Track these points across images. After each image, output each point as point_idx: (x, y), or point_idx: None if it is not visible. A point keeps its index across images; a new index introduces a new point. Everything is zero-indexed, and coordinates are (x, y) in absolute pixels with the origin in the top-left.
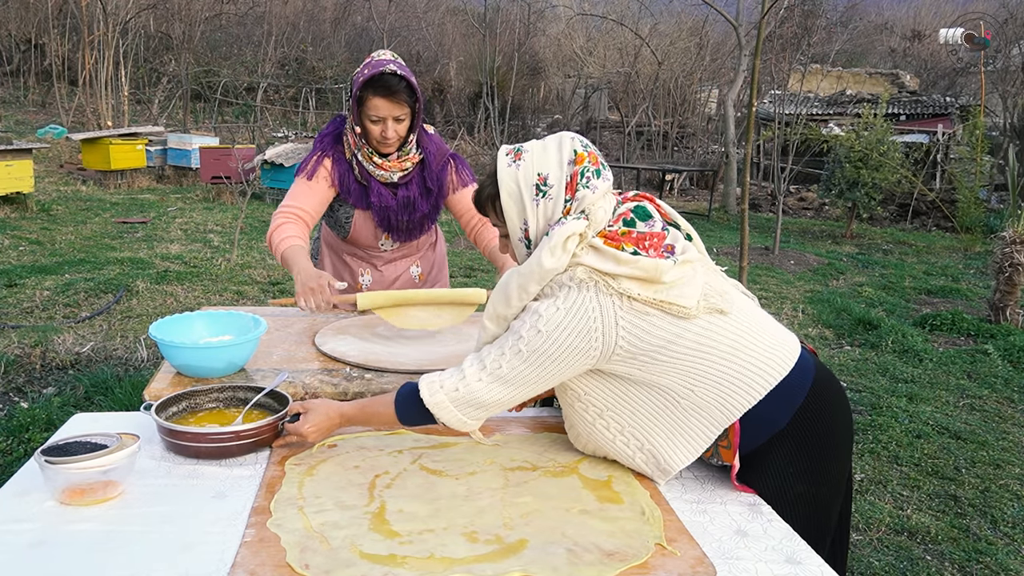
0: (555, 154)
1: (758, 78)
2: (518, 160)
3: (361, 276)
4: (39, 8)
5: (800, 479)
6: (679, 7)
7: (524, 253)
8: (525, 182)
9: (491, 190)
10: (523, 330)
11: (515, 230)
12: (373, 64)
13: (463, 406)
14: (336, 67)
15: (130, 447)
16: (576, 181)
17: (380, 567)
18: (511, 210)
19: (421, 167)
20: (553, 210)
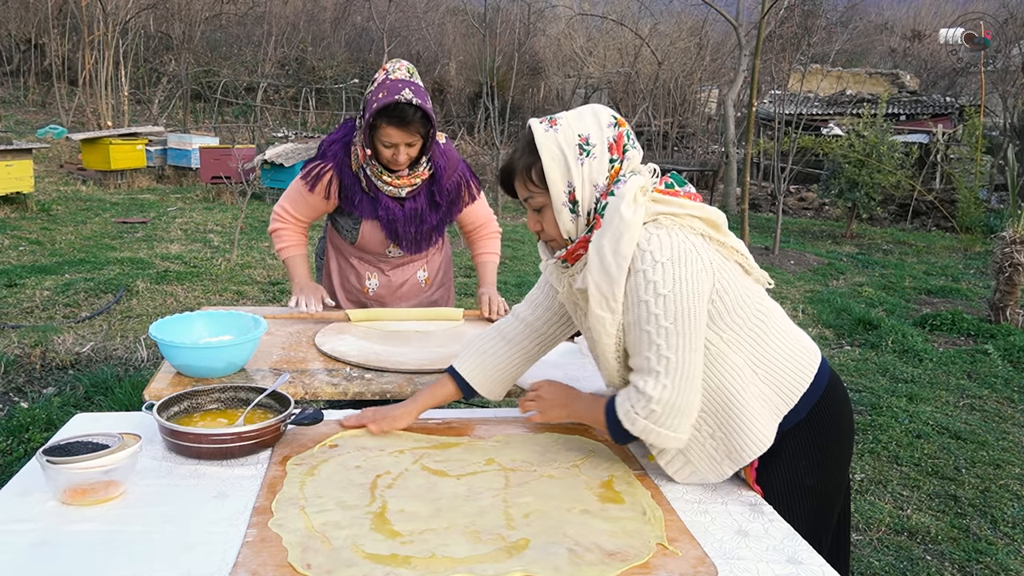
0: (591, 118)
1: (758, 78)
2: (554, 126)
3: (368, 280)
4: (39, 8)
5: (811, 472)
6: (679, 7)
7: (569, 219)
8: (567, 143)
9: (527, 159)
10: (652, 309)
11: (559, 195)
12: (388, 85)
13: (666, 421)
14: (336, 67)
15: (132, 447)
16: (622, 142)
17: (382, 567)
18: (555, 173)
19: (430, 180)
20: (598, 170)
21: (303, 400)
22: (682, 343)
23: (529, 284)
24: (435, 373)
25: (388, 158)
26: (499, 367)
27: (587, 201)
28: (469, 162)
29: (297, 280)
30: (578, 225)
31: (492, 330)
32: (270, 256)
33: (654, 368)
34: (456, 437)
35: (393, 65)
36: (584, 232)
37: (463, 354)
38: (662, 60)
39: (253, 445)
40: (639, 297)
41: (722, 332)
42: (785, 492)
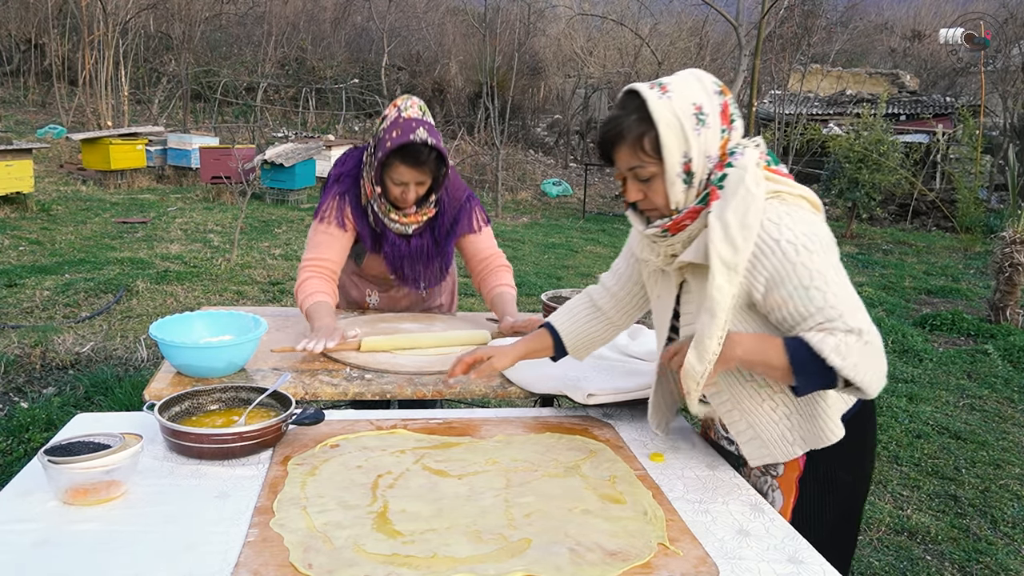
0: (698, 85)
1: (758, 78)
2: (666, 92)
3: (368, 296)
4: (39, 8)
5: (847, 468)
6: (679, 7)
7: (681, 190)
8: (683, 112)
9: (640, 128)
10: (809, 263)
11: (674, 165)
12: (403, 125)
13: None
14: (336, 67)
15: (133, 447)
16: (729, 111)
17: (383, 567)
18: (671, 143)
19: (433, 218)
20: (711, 140)
21: (304, 400)
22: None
23: (529, 284)
24: (435, 374)
25: (397, 196)
26: (586, 332)
27: (700, 171)
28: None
29: (318, 325)
30: (688, 196)
31: (584, 295)
32: (270, 256)
33: (842, 310)
34: (457, 437)
35: (405, 103)
36: (694, 203)
37: (559, 313)
38: (662, 60)
39: (254, 445)
40: (792, 263)
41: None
42: (820, 486)
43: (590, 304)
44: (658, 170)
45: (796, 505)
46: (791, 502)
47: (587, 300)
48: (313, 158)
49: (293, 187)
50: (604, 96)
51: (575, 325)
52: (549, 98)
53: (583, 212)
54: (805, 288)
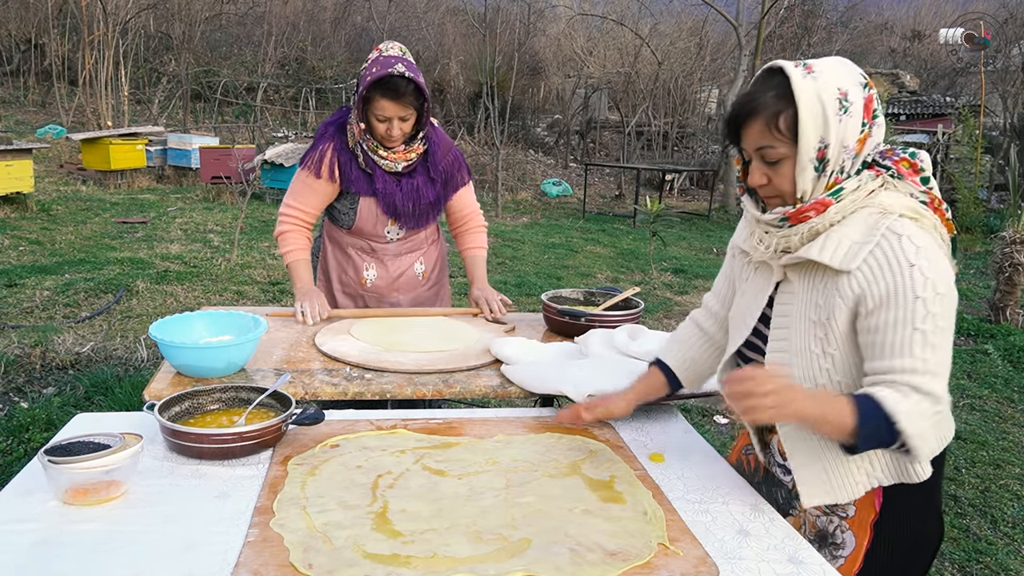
0: (845, 71)
1: None
2: (811, 72)
3: (366, 271)
4: (39, 8)
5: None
6: (679, 7)
7: (811, 177)
8: (828, 95)
9: (778, 105)
10: (929, 307)
11: (808, 150)
12: (381, 61)
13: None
14: (336, 67)
15: (133, 447)
16: (872, 106)
17: (383, 567)
18: (809, 126)
19: (425, 156)
20: (852, 130)
21: (304, 400)
22: (948, 345)
23: (529, 284)
24: (435, 374)
25: (383, 133)
26: (698, 360)
27: (835, 161)
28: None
29: (300, 285)
30: (817, 185)
31: (690, 323)
32: (270, 256)
33: (931, 370)
34: (457, 437)
35: (386, 44)
36: (823, 194)
37: (667, 347)
38: (662, 60)
39: (254, 445)
40: (916, 294)
41: None
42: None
43: (698, 330)
44: (790, 152)
45: (869, 551)
46: (864, 546)
47: (694, 327)
48: None
49: None
50: (604, 96)
51: (687, 355)
52: (549, 98)
53: (583, 212)
54: (914, 327)
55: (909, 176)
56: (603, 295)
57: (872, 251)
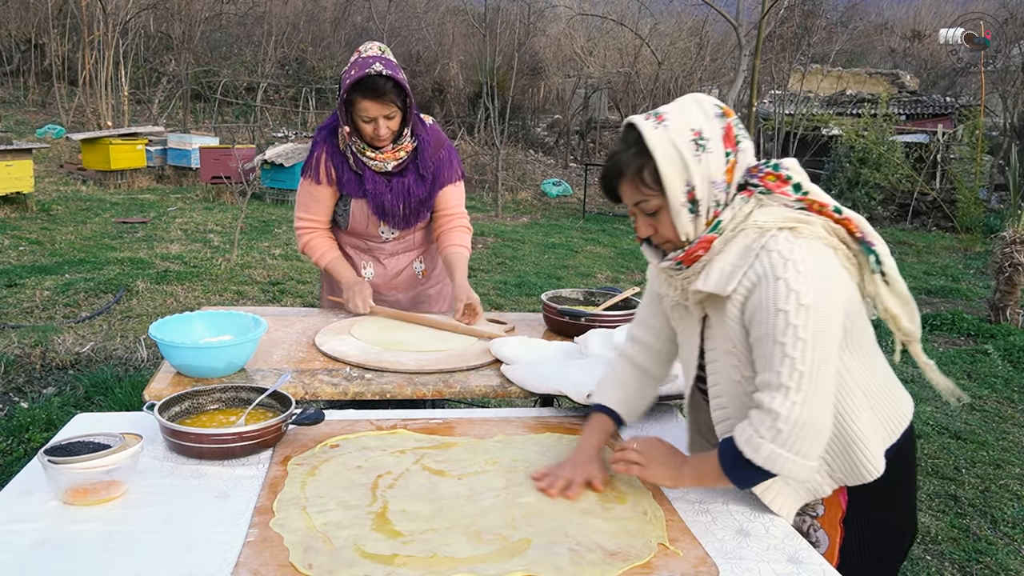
0: (696, 109)
1: (758, 78)
2: (662, 121)
3: (364, 270)
4: (39, 8)
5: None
6: (679, 7)
7: (688, 219)
8: (681, 139)
9: (638, 160)
10: (791, 319)
11: (677, 195)
12: (360, 63)
13: (794, 443)
14: (336, 67)
15: (133, 447)
16: (733, 133)
17: (383, 567)
18: (671, 173)
19: (415, 154)
20: (715, 165)
21: (304, 400)
22: (818, 359)
23: (529, 284)
24: (434, 374)
25: (370, 134)
26: (638, 395)
27: (706, 199)
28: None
29: (344, 280)
30: (697, 225)
31: (626, 363)
32: (270, 256)
33: (784, 383)
34: (457, 437)
35: (366, 45)
36: (706, 232)
37: (603, 389)
38: (662, 60)
39: (254, 445)
40: (777, 306)
41: (848, 339)
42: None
43: (634, 369)
44: (662, 202)
45: (843, 547)
46: (837, 543)
47: (630, 367)
48: None
49: (293, 187)
50: (604, 96)
51: (624, 392)
52: (549, 98)
53: (583, 212)
54: (774, 340)
55: (778, 188)
56: (603, 295)
57: (746, 272)
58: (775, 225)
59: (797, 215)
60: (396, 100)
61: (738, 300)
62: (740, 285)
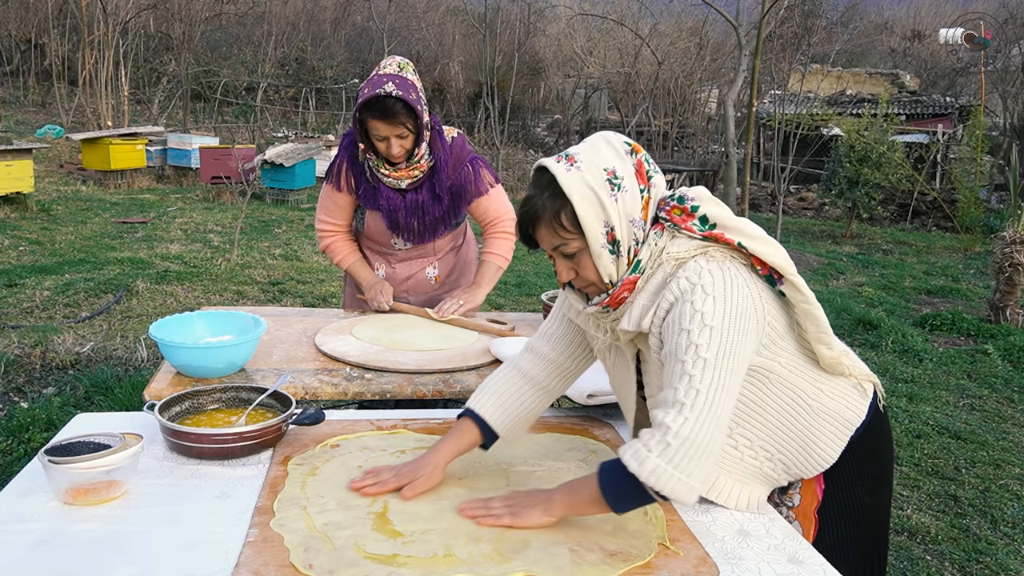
0: (607, 148)
1: (758, 78)
2: (574, 163)
3: (376, 270)
4: (39, 8)
5: (868, 491)
6: (679, 7)
7: (609, 260)
8: (596, 180)
9: (552, 205)
10: (694, 339)
11: (597, 237)
12: (374, 81)
13: (681, 462)
14: (336, 67)
15: (133, 447)
16: (644, 169)
17: (383, 567)
18: (589, 215)
19: (432, 172)
20: (632, 204)
21: (304, 400)
22: (717, 379)
23: (529, 284)
24: (435, 374)
25: (383, 151)
26: (520, 407)
27: (627, 239)
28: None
29: (365, 280)
30: (619, 266)
31: (510, 368)
32: (270, 256)
33: (680, 399)
34: None
35: (386, 61)
36: (628, 273)
37: (481, 395)
38: (662, 60)
39: (254, 445)
40: (681, 326)
41: (779, 358)
42: (840, 513)
43: (520, 376)
44: (582, 244)
45: (818, 536)
46: (812, 533)
47: (514, 372)
48: (313, 158)
49: (293, 187)
50: (604, 96)
51: (502, 405)
52: (549, 98)
53: None
54: (677, 357)
55: (683, 223)
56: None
57: (659, 303)
58: (688, 255)
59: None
60: (407, 121)
61: (656, 331)
62: (656, 317)
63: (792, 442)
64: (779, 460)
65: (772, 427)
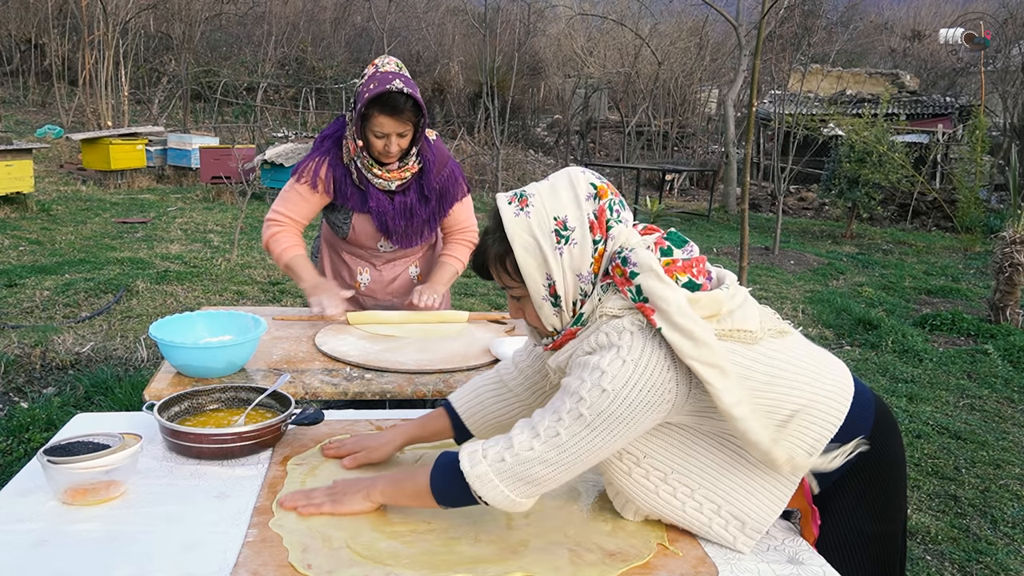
0: (567, 192)
1: (758, 78)
2: (525, 207)
3: (360, 275)
4: (39, 8)
5: (870, 517)
6: (679, 7)
7: (551, 312)
8: (541, 230)
9: (498, 248)
10: (583, 391)
11: (537, 289)
12: (379, 77)
13: (509, 480)
14: (336, 67)
15: (133, 447)
16: (605, 218)
17: (382, 567)
18: (530, 266)
19: (419, 175)
20: (579, 258)
21: (303, 400)
22: (585, 438)
23: None
24: (435, 374)
25: (380, 149)
26: (492, 411)
27: (571, 293)
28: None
29: (306, 280)
30: (562, 317)
31: (493, 373)
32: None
33: (538, 430)
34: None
35: (383, 60)
36: (570, 324)
37: (462, 392)
38: (662, 60)
39: (254, 445)
40: (582, 373)
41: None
42: (841, 543)
43: (498, 382)
44: (525, 291)
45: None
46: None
47: (495, 378)
48: None
49: None
50: (604, 96)
51: (478, 404)
52: (549, 98)
53: None
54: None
55: (622, 286)
56: None
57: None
58: (621, 313)
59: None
60: (412, 118)
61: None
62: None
63: (738, 488)
64: (728, 513)
65: (712, 475)
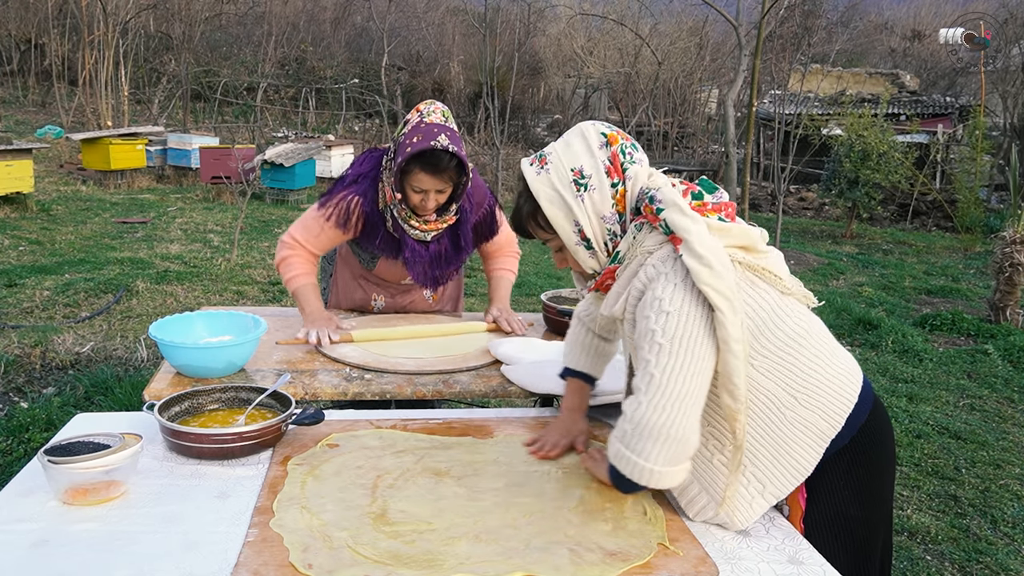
0: (580, 144)
1: (758, 78)
2: (544, 165)
3: (374, 301)
4: (39, 8)
5: (855, 502)
6: (679, 7)
7: (586, 256)
8: (561, 182)
9: (528, 206)
10: (652, 324)
11: (569, 236)
12: (423, 130)
13: (636, 444)
14: (336, 67)
15: (133, 447)
16: (619, 161)
17: (383, 567)
18: (558, 217)
19: (457, 224)
20: (601, 201)
21: (303, 400)
22: (673, 364)
23: (529, 284)
24: (435, 374)
25: (416, 203)
26: (598, 353)
27: (599, 235)
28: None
29: (308, 311)
30: (599, 258)
31: (580, 326)
32: (270, 256)
33: (638, 385)
34: (457, 437)
35: (428, 107)
36: (608, 263)
37: (569, 355)
38: (662, 60)
39: (254, 445)
40: (643, 312)
41: (752, 359)
42: (828, 525)
43: (586, 331)
44: (560, 242)
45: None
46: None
47: (583, 328)
48: (313, 158)
49: (293, 187)
50: (604, 96)
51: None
52: (549, 98)
53: None
54: (638, 342)
55: (655, 223)
56: None
57: (629, 291)
58: (658, 246)
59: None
60: (454, 176)
61: (629, 317)
62: (627, 304)
63: (765, 452)
64: (752, 475)
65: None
